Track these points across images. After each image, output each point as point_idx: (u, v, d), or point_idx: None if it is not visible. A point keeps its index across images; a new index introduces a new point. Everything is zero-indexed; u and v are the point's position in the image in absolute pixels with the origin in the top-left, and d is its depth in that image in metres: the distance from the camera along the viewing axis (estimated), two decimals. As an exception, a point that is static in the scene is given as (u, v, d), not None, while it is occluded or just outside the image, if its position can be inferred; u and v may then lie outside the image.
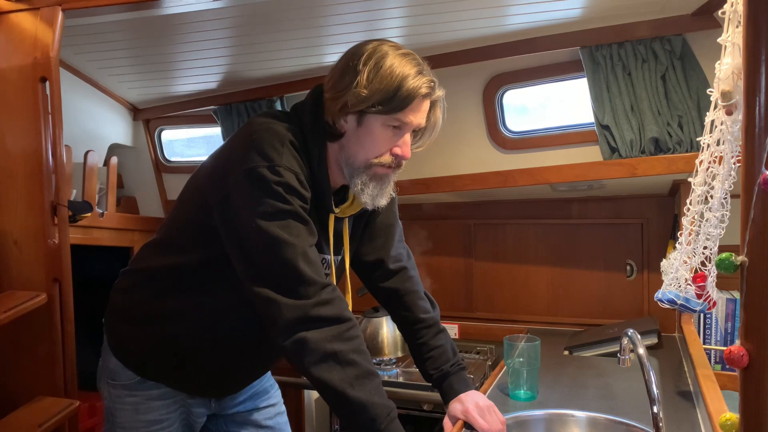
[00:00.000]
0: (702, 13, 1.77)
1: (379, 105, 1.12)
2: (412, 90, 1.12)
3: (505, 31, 1.99)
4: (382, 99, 1.11)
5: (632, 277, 2.30)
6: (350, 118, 1.16)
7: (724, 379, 1.56)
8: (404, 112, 1.14)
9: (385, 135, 1.16)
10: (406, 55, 1.15)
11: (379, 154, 1.17)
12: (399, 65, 1.12)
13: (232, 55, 2.24)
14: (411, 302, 1.42)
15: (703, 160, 1.22)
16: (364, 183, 1.19)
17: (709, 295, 1.30)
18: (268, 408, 1.49)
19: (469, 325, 2.52)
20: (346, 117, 1.16)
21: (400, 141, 1.17)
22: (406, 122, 1.15)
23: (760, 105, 0.64)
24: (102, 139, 2.64)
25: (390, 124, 1.15)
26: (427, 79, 1.14)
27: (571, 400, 1.52)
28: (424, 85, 1.13)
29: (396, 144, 1.17)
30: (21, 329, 1.72)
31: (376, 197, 1.21)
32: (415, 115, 1.15)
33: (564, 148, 2.20)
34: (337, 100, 1.15)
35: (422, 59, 1.18)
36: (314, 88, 1.23)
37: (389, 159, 1.17)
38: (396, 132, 1.16)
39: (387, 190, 1.23)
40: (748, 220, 0.66)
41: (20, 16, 1.76)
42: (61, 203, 1.75)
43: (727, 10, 0.98)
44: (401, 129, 1.16)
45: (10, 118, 1.75)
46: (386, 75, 1.12)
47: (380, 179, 1.20)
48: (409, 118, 1.15)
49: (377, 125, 1.15)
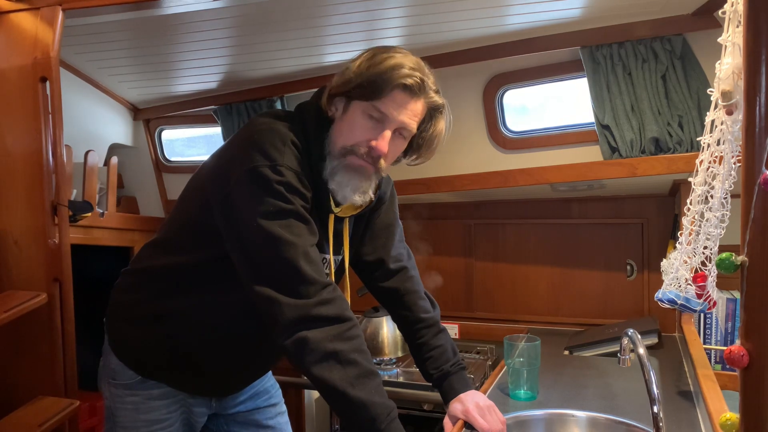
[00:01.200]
0: (702, 13, 1.77)
1: (358, 89, 1.12)
2: (392, 78, 1.10)
3: (505, 31, 1.99)
4: (362, 82, 1.11)
5: (632, 277, 2.30)
6: (338, 103, 1.17)
7: (724, 379, 1.56)
8: (383, 102, 1.12)
9: (364, 123, 1.14)
10: (408, 56, 1.15)
11: (354, 142, 1.14)
12: (395, 59, 1.12)
13: (232, 55, 2.24)
14: (411, 302, 1.42)
15: (704, 160, 1.22)
16: (335, 169, 1.16)
17: (710, 295, 1.29)
18: (269, 408, 1.49)
19: (469, 325, 2.52)
20: (335, 102, 1.17)
21: (379, 135, 1.14)
22: (386, 114, 1.13)
23: (760, 105, 0.65)
24: (102, 139, 2.64)
25: (370, 113, 1.13)
26: (418, 76, 1.12)
27: (571, 400, 1.52)
28: (407, 76, 1.11)
29: (373, 136, 1.14)
30: (21, 329, 1.72)
31: (345, 187, 1.17)
32: (397, 109, 1.13)
33: (564, 148, 2.20)
34: (330, 86, 1.16)
35: (428, 67, 1.17)
36: (320, 88, 1.23)
37: (364, 149, 1.15)
38: (376, 124, 1.14)
39: (362, 187, 1.18)
40: (748, 220, 0.66)
41: (20, 16, 1.76)
42: (62, 203, 1.75)
43: (727, 9, 0.98)
44: (382, 122, 1.14)
45: (10, 118, 1.75)
46: (376, 63, 1.12)
47: (353, 171, 1.16)
48: (389, 110, 1.13)
49: (358, 112, 1.14)
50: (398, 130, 1.16)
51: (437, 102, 1.19)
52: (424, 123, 1.21)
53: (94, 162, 2.24)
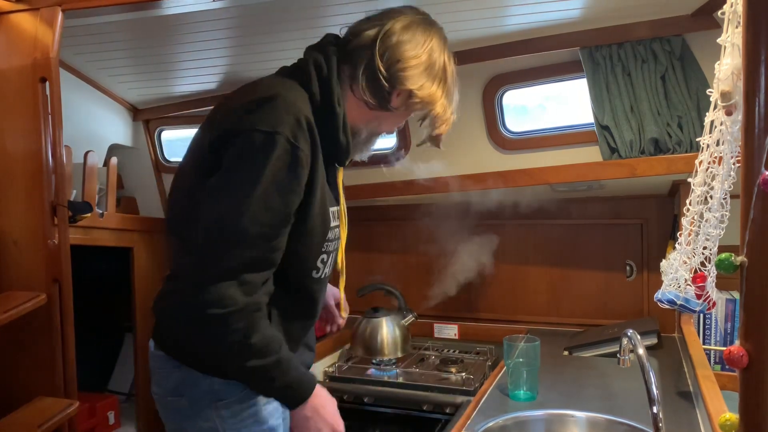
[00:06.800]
0: (701, 14, 1.77)
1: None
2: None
3: (505, 31, 1.99)
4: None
5: (632, 277, 2.30)
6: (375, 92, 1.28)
7: (723, 379, 1.57)
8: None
9: (396, 120, 1.38)
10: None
11: (384, 130, 1.38)
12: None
13: (232, 55, 2.24)
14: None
15: (703, 161, 1.22)
16: (361, 142, 1.33)
17: (709, 296, 1.30)
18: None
19: (469, 325, 2.52)
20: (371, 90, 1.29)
21: (402, 123, 1.41)
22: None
23: (760, 105, 0.65)
24: (102, 139, 2.64)
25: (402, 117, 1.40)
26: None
27: (571, 401, 1.53)
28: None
29: (398, 124, 1.40)
30: (21, 329, 1.71)
31: (366, 152, 1.37)
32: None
33: (564, 148, 2.20)
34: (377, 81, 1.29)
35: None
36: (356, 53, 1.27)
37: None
38: (403, 117, 1.38)
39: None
40: (748, 221, 0.66)
41: (20, 16, 1.76)
42: (61, 203, 1.75)
43: (726, 10, 0.98)
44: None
45: (10, 118, 1.75)
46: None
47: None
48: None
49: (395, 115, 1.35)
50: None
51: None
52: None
53: (94, 162, 2.24)
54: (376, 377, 2.13)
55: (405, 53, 1.21)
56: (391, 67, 1.21)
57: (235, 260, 1.06)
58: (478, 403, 1.56)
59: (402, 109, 1.28)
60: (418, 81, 1.23)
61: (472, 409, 1.52)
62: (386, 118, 1.31)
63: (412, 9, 1.28)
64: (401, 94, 1.25)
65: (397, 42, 1.21)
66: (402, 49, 1.21)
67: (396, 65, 1.21)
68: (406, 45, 1.21)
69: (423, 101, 1.26)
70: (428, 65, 1.24)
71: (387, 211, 2.64)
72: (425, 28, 1.25)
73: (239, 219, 1.04)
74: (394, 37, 1.21)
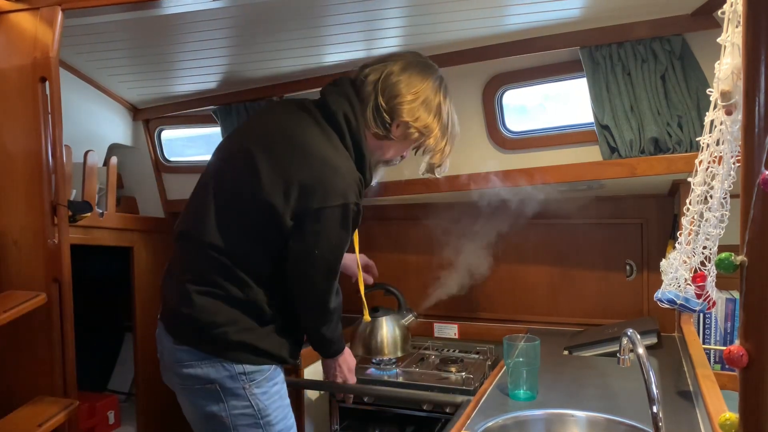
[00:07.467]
0: (702, 13, 1.77)
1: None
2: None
3: (505, 31, 1.99)
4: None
5: (632, 277, 2.30)
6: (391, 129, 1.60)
7: (723, 379, 1.57)
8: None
9: (402, 148, 1.69)
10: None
11: (393, 157, 1.70)
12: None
13: (232, 55, 2.24)
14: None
15: (703, 160, 1.22)
16: (375, 168, 1.65)
17: (709, 295, 1.30)
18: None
19: (468, 325, 2.52)
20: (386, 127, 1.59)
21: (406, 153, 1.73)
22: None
23: (760, 105, 0.65)
24: (102, 139, 2.64)
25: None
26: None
27: (571, 400, 1.53)
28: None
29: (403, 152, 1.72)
30: (20, 329, 1.72)
31: (377, 176, 1.69)
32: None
33: (564, 148, 2.20)
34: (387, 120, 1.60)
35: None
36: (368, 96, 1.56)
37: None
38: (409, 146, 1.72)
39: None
40: (748, 220, 0.66)
41: (20, 16, 1.76)
42: (61, 203, 1.75)
43: (726, 10, 0.98)
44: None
45: (10, 118, 1.75)
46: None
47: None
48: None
49: (401, 145, 1.68)
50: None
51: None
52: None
53: (94, 162, 2.24)
54: (376, 377, 2.13)
55: (402, 90, 1.50)
56: (389, 102, 1.50)
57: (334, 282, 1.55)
58: (478, 402, 1.57)
59: (402, 138, 1.57)
60: (414, 114, 1.51)
61: (472, 409, 1.52)
62: (391, 147, 1.60)
63: (414, 54, 1.59)
64: (400, 126, 1.54)
65: (396, 81, 1.50)
66: (400, 86, 1.50)
67: (394, 100, 1.50)
68: (403, 83, 1.50)
69: (419, 131, 1.54)
70: (423, 101, 1.51)
71: (387, 211, 2.64)
72: (422, 70, 1.54)
73: (335, 261, 1.50)
74: (393, 77, 1.51)
